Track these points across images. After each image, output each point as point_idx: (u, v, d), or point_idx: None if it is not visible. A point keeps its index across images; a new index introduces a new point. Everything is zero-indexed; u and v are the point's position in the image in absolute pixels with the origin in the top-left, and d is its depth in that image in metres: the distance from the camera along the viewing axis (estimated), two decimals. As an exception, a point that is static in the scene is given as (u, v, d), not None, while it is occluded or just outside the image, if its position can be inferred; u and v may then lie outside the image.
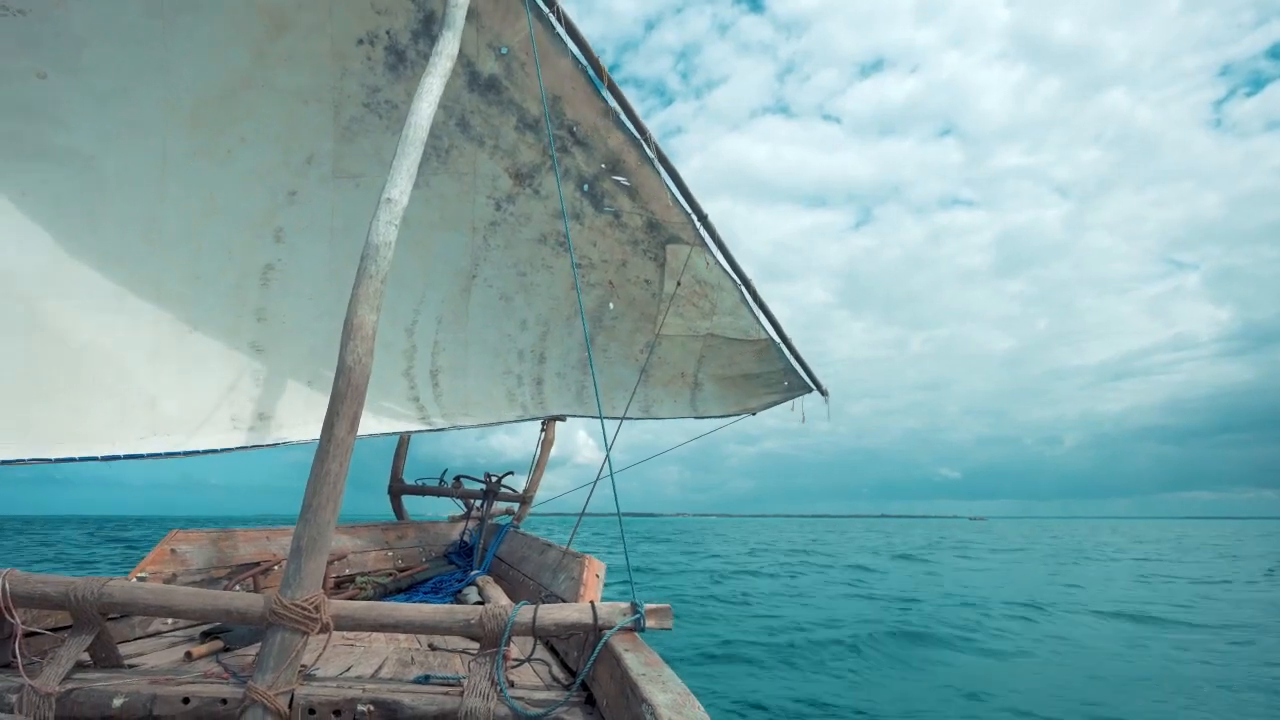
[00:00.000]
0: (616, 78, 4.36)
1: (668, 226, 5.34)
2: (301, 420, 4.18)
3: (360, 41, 3.83)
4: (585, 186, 5.04)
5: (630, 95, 4.44)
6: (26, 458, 2.99)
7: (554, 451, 7.48)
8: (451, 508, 7.06)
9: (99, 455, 3.23)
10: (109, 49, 3.09)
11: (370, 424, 4.83)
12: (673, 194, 5.04)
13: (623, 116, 4.55)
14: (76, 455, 3.15)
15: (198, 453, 3.65)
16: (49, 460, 3.06)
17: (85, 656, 2.28)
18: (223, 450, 3.78)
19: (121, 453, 3.31)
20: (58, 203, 3.10)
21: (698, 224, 5.27)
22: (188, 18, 3.24)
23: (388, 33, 3.84)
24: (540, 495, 7.43)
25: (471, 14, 3.83)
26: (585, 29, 4.05)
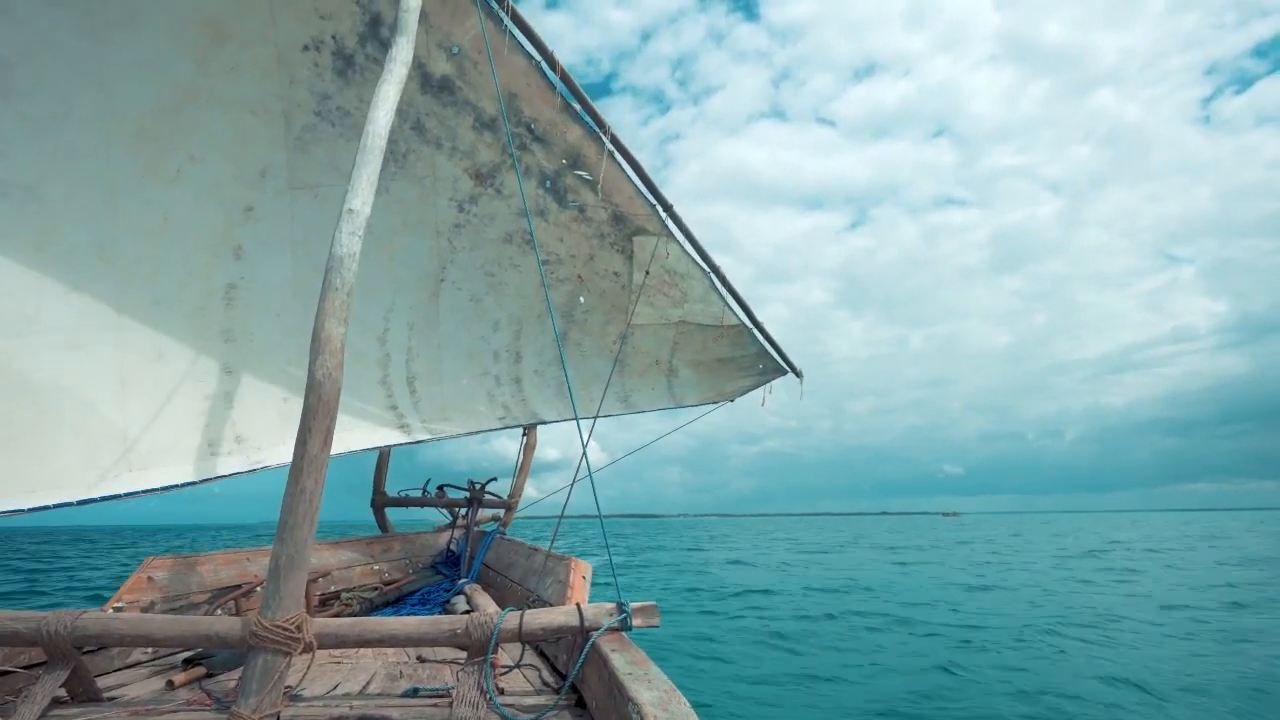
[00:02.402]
0: (614, 87, 4.40)
1: (633, 219, 5.33)
2: (279, 440, 4.12)
3: (306, 48, 3.74)
4: (547, 183, 5.00)
5: (627, 103, 4.47)
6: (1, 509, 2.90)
7: (556, 455, 7.47)
8: (438, 517, 7.00)
9: (73, 500, 3.13)
10: (40, 70, 2.95)
11: (350, 439, 4.77)
12: (635, 185, 5.02)
13: (579, 110, 4.51)
14: (50, 502, 3.05)
15: (174, 487, 3.57)
16: (21, 511, 2.96)
17: (62, 692, 2.22)
18: (201, 482, 3.71)
19: (97, 495, 3.21)
20: (2, 237, 2.98)
21: (662, 214, 5.27)
22: (122, 32, 3.12)
23: (334, 37, 3.76)
24: (538, 498, 7.38)
25: (420, 15, 3.77)
26: (582, 39, 4.03)
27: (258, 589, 3.86)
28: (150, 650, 3.11)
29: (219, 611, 3.56)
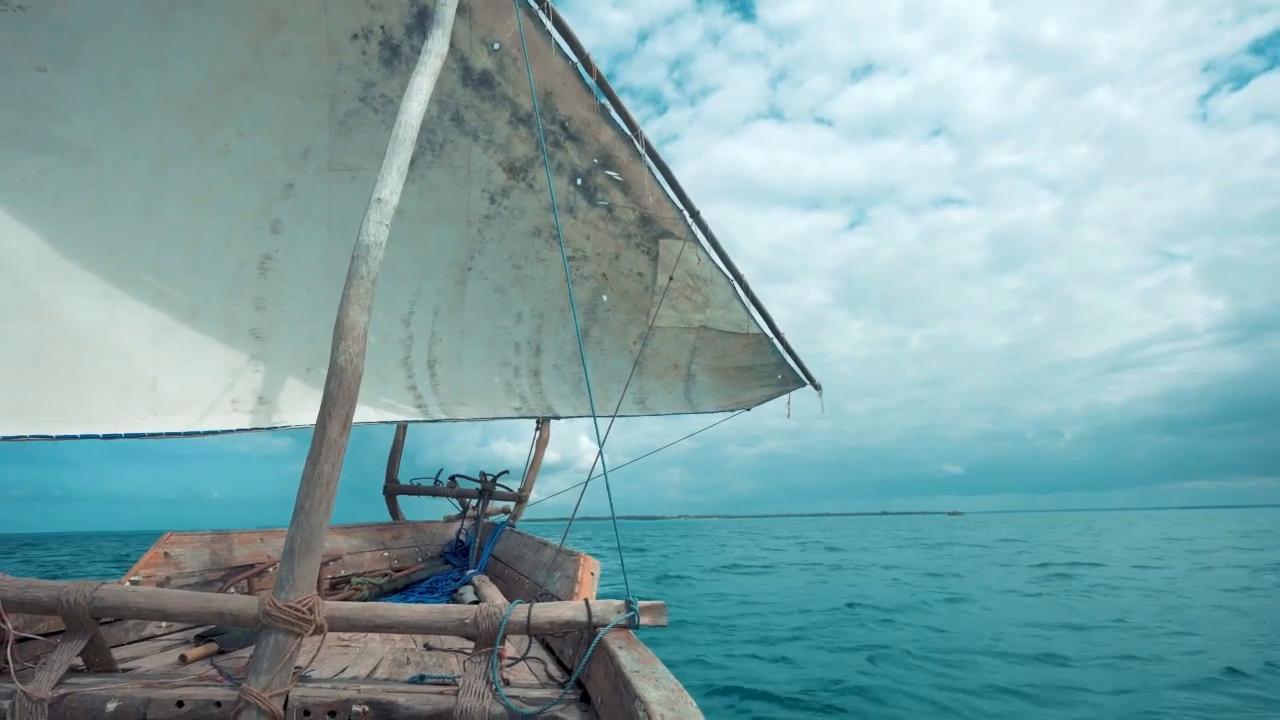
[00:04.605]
0: (612, 87, 4.37)
1: (660, 221, 5.35)
2: (300, 406, 4.25)
3: (355, 36, 3.85)
4: (578, 180, 5.05)
5: (624, 102, 4.45)
6: (28, 434, 3.04)
7: (557, 456, 7.47)
8: (448, 508, 7.05)
9: (100, 433, 3.29)
10: (107, 43, 3.14)
11: (368, 413, 4.86)
12: (664, 190, 5.04)
13: (613, 113, 4.55)
14: (78, 433, 3.20)
15: (199, 433, 3.72)
16: (50, 437, 3.12)
17: (78, 661, 2.28)
18: (224, 432, 3.86)
19: (123, 431, 3.37)
20: (57, 192, 3.16)
21: (689, 220, 5.29)
22: (184, 13, 3.33)
23: (382, 27, 3.86)
24: (541, 499, 7.42)
25: (463, 9, 3.83)
26: (579, 40, 4.05)
27: (270, 569, 3.93)
28: (165, 625, 3.17)
29: (233, 590, 3.63)
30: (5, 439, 2.97)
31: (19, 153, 3.03)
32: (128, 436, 3.38)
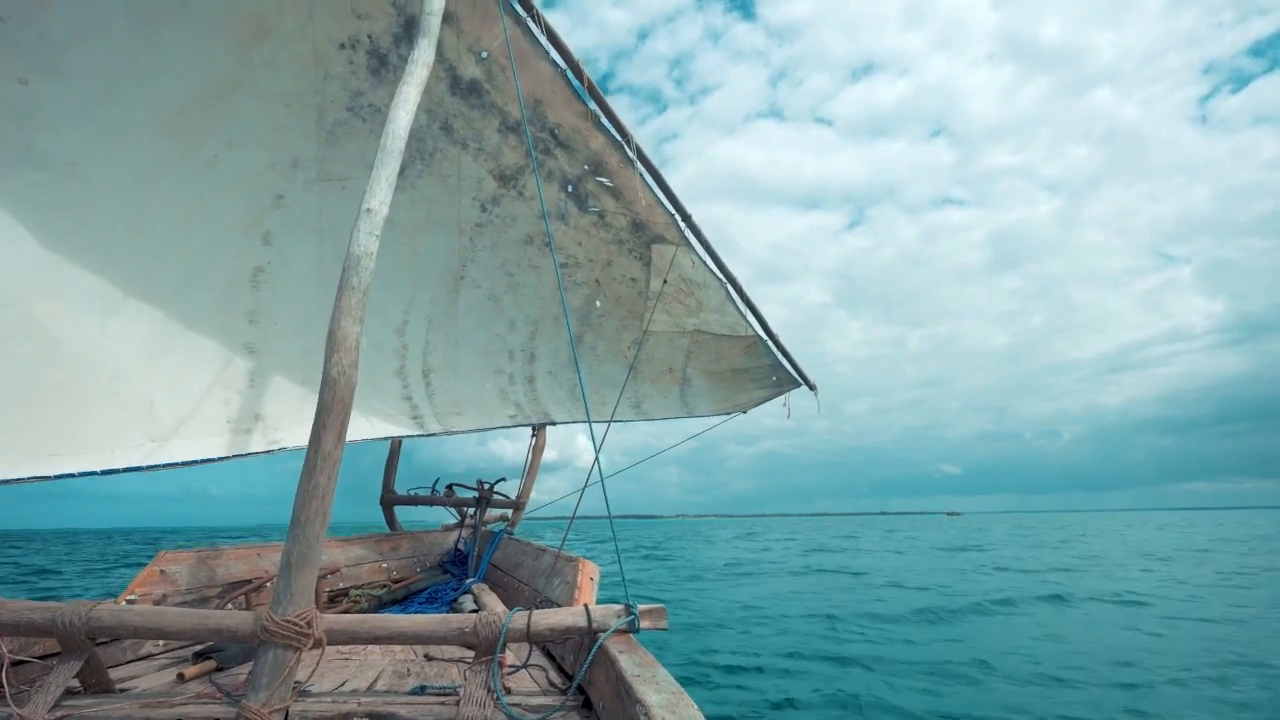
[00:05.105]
0: (611, 86, 4.39)
1: (652, 227, 5.36)
2: (296, 422, 4.22)
3: (342, 46, 3.84)
4: (569, 187, 5.05)
5: (624, 103, 4.46)
6: (26, 475, 2.96)
7: (554, 456, 7.45)
8: (445, 516, 7.02)
9: (98, 469, 3.22)
10: (91, 54, 3.09)
11: (364, 428, 4.83)
12: (655, 195, 5.05)
13: (603, 119, 4.55)
14: (74, 470, 3.13)
15: (195, 463, 3.67)
16: (48, 477, 3.04)
17: (75, 683, 2.25)
18: (219, 459, 3.82)
19: (120, 465, 3.31)
20: (45, 206, 3.11)
21: (681, 224, 5.30)
22: (170, 22, 3.29)
23: (369, 37, 3.85)
24: (540, 499, 7.41)
25: (451, 18, 3.83)
26: (578, 39, 4.06)
27: (267, 584, 3.90)
28: (162, 643, 3.14)
29: (230, 606, 3.60)
30: (3, 482, 2.91)
31: (5, 165, 2.98)
32: (125, 470, 3.31)
